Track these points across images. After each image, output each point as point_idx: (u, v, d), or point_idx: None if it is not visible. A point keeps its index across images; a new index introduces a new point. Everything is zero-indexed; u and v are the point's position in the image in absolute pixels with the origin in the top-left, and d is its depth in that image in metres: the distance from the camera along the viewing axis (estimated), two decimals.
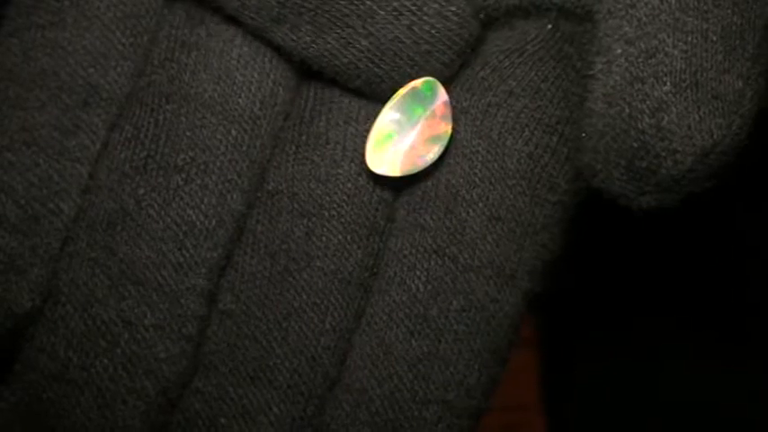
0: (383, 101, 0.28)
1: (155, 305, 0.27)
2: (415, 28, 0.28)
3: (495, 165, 0.28)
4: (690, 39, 0.26)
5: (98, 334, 0.27)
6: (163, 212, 0.27)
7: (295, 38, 0.28)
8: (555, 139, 0.28)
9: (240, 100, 0.28)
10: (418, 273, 0.27)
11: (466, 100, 0.28)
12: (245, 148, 0.28)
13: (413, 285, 0.27)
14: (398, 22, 0.28)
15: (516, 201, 0.28)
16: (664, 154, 0.26)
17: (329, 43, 0.28)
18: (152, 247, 0.27)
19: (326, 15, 0.27)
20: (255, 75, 0.28)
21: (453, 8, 0.28)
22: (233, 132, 0.28)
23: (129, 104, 0.28)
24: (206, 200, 0.27)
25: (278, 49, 0.28)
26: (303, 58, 0.28)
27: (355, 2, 0.27)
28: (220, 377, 0.27)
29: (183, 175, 0.27)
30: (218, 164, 0.27)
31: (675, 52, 0.26)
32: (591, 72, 0.27)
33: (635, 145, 0.26)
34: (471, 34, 0.28)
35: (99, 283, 0.27)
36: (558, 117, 0.28)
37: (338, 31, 0.28)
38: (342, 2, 0.27)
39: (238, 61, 0.28)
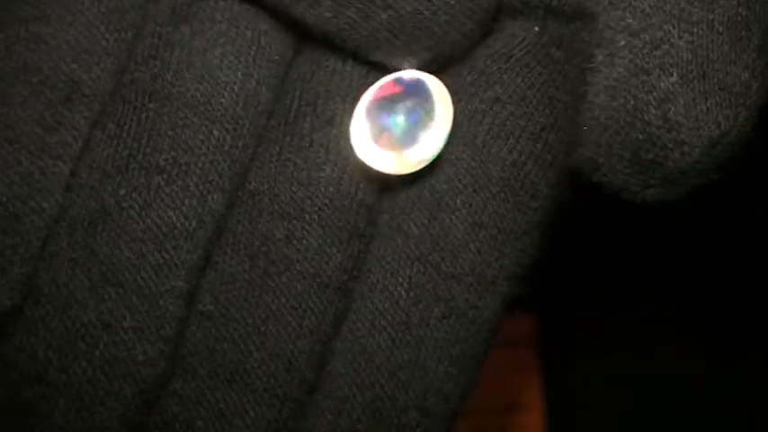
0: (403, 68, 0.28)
1: (134, 307, 0.27)
2: None
3: (480, 172, 0.28)
4: (696, 30, 0.26)
5: (77, 336, 0.27)
6: (143, 213, 0.27)
7: (315, 13, 0.27)
8: (539, 146, 0.28)
9: (223, 100, 0.28)
10: (401, 280, 0.27)
11: (453, 105, 0.28)
12: (226, 149, 0.28)
13: (395, 292, 0.27)
14: None
15: (499, 208, 0.28)
16: (671, 145, 0.26)
17: (349, 17, 0.27)
18: (132, 248, 0.27)
19: None
20: (239, 74, 0.28)
21: None
22: (215, 133, 0.27)
23: (113, 101, 0.28)
24: (187, 201, 0.27)
25: (298, 26, 0.28)
26: (324, 33, 0.28)
27: None
28: (198, 380, 0.27)
29: (165, 176, 0.27)
30: (199, 164, 0.27)
31: (681, 43, 0.26)
32: (591, 64, 0.27)
33: (640, 137, 0.26)
34: (491, 3, 0.28)
35: (79, 284, 0.27)
36: (543, 124, 0.28)
37: (357, 5, 0.27)
38: None
39: (221, 61, 0.28)
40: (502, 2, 0.28)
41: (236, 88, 0.28)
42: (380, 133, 0.28)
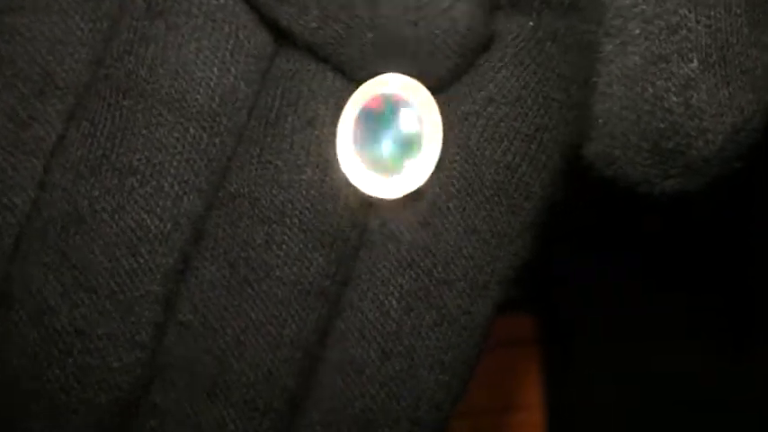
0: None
1: (108, 314, 0.26)
2: (420, 25, 0.26)
3: (473, 175, 0.27)
4: (713, 12, 0.25)
5: (51, 343, 0.26)
6: (116, 216, 0.26)
7: (302, 22, 0.26)
8: (533, 147, 0.27)
9: (198, 96, 0.27)
10: (392, 288, 0.27)
11: (445, 106, 0.27)
12: (203, 147, 0.27)
13: (386, 302, 0.27)
14: (404, 17, 0.26)
15: (492, 211, 0.27)
16: (694, 133, 0.25)
17: (336, 31, 0.26)
18: (105, 252, 0.26)
19: (335, 1, 0.26)
20: (215, 70, 0.27)
21: (463, 8, 0.26)
22: (191, 130, 0.27)
23: (87, 97, 0.27)
24: (161, 203, 0.26)
25: (284, 33, 0.27)
26: (309, 45, 0.27)
27: None
28: (178, 392, 0.27)
29: (138, 177, 0.26)
30: (174, 164, 0.26)
31: (699, 27, 0.25)
32: (600, 55, 0.27)
33: (661, 125, 0.25)
34: (480, 37, 0.26)
35: (52, 290, 0.26)
36: (538, 125, 0.27)
37: (345, 20, 0.26)
38: None
39: (197, 56, 0.27)
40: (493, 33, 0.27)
41: (212, 84, 0.27)
42: (366, 158, 0.27)
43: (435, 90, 0.27)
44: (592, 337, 0.49)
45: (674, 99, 0.25)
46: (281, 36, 0.27)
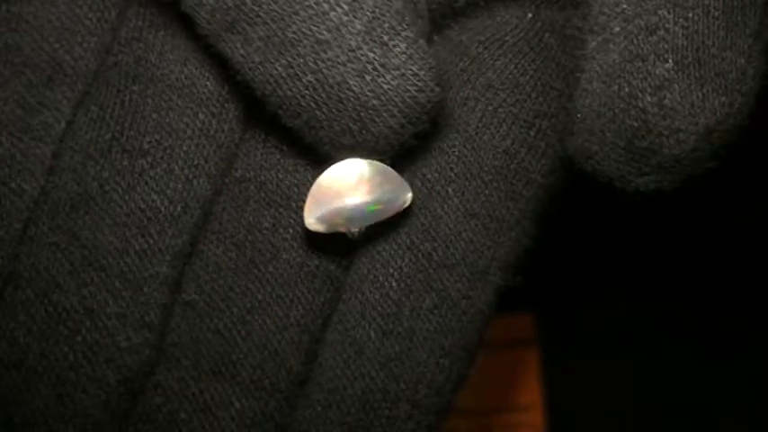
0: (320, 150, 0.26)
1: (117, 293, 0.26)
2: (366, 77, 0.25)
3: (472, 160, 0.28)
4: (691, 15, 0.26)
5: (59, 321, 0.27)
6: (127, 197, 0.27)
7: (245, 53, 0.25)
8: (532, 133, 0.28)
9: (208, 82, 0.27)
10: (391, 270, 0.27)
11: (444, 92, 0.28)
12: (212, 132, 0.27)
13: (386, 283, 0.27)
14: (351, 65, 0.25)
15: (491, 196, 0.28)
16: (666, 133, 0.26)
17: (276, 70, 0.25)
18: (115, 232, 0.27)
19: (279, 35, 0.25)
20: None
21: (415, 68, 0.25)
22: (200, 116, 0.27)
23: (96, 84, 0.28)
24: (171, 185, 0.27)
25: (226, 65, 0.26)
26: (248, 81, 0.26)
27: (312, 28, 0.25)
28: (182, 371, 0.27)
29: (149, 159, 0.27)
30: (184, 148, 0.27)
31: (677, 29, 0.26)
32: (584, 51, 0.27)
33: (635, 124, 0.26)
34: (429, 102, 0.25)
35: (60, 268, 0.27)
36: (536, 112, 0.28)
37: (288, 58, 0.25)
38: (298, 23, 0.25)
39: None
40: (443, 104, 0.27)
41: (221, 70, 0.27)
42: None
43: (374, 153, 0.26)
44: (591, 337, 0.50)
45: (649, 99, 0.26)
46: None
